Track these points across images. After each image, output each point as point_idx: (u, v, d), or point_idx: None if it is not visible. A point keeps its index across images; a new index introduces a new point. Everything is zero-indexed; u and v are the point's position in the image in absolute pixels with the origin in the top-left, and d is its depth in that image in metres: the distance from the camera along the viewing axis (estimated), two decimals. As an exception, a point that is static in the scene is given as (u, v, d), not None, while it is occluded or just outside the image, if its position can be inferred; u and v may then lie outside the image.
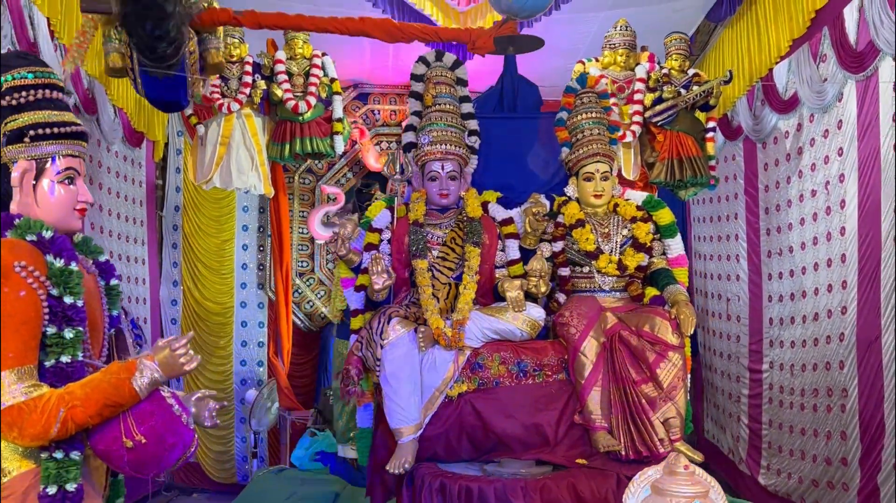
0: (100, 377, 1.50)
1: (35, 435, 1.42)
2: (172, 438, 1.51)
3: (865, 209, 4.39)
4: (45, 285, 1.48)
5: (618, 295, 3.03)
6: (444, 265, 2.91)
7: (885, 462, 4.17)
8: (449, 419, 2.76)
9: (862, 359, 4.40)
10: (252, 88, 4.73)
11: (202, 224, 6.67)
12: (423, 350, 2.77)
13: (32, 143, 1.57)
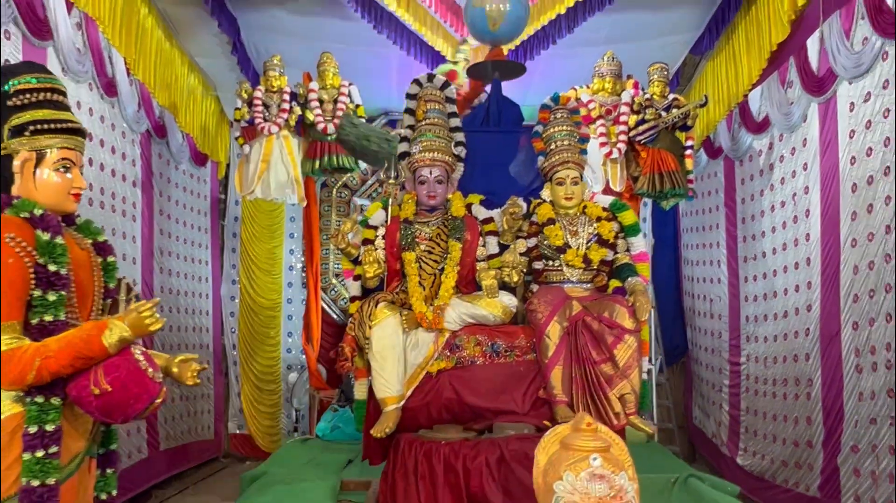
0: (74, 333, 1.50)
1: (12, 380, 1.43)
2: (137, 388, 1.49)
3: (827, 217, 4.29)
4: (33, 255, 1.49)
5: (584, 286, 2.96)
6: (430, 258, 2.88)
7: (843, 445, 4.04)
8: (430, 392, 2.73)
9: (824, 352, 4.27)
10: (289, 114, 4.79)
11: (256, 232, 6.77)
12: (407, 331, 2.75)
13: (32, 137, 1.59)
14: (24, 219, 1.50)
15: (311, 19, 5.13)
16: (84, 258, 1.67)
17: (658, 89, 4.75)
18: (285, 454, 4.30)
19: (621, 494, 1.29)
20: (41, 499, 1.42)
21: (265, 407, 6.62)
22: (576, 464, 1.32)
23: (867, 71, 3.91)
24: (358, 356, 2.84)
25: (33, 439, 1.44)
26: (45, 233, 1.50)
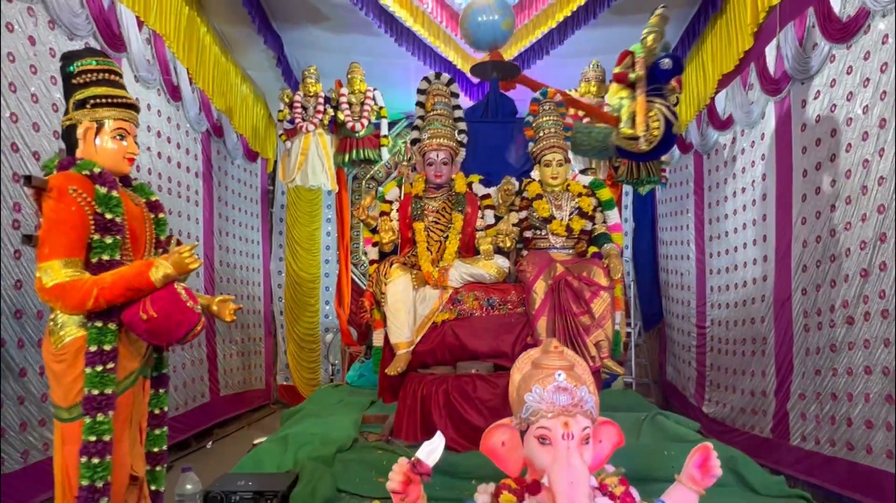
0: (126, 269, 1.52)
1: (74, 305, 1.45)
2: (179, 316, 1.50)
3: (781, 199, 4.22)
4: (92, 205, 1.50)
5: (567, 251, 2.93)
6: (436, 227, 2.88)
7: (793, 393, 3.99)
8: (435, 339, 2.73)
9: (777, 315, 4.21)
10: (323, 114, 4.79)
11: (299, 217, 6.79)
12: (417, 288, 2.74)
13: (92, 109, 1.61)
14: (85, 176, 1.52)
15: (342, 35, 5.11)
16: (137, 212, 1.68)
17: (636, 92, 4.66)
18: (319, 396, 4.33)
19: (581, 404, 1.27)
20: (100, 405, 1.44)
21: (306, 362, 6.68)
22: (544, 379, 1.29)
23: (817, 72, 3.82)
24: (375, 309, 2.84)
25: (93, 357, 1.46)
26: (102, 187, 1.52)
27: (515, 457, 1.35)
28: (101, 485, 1.42)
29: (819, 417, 3.70)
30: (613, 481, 1.33)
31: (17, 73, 3.03)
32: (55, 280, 1.42)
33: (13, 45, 3.01)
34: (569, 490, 1.18)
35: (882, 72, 3.24)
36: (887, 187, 3.18)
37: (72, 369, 1.46)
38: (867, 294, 3.32)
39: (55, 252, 1.43)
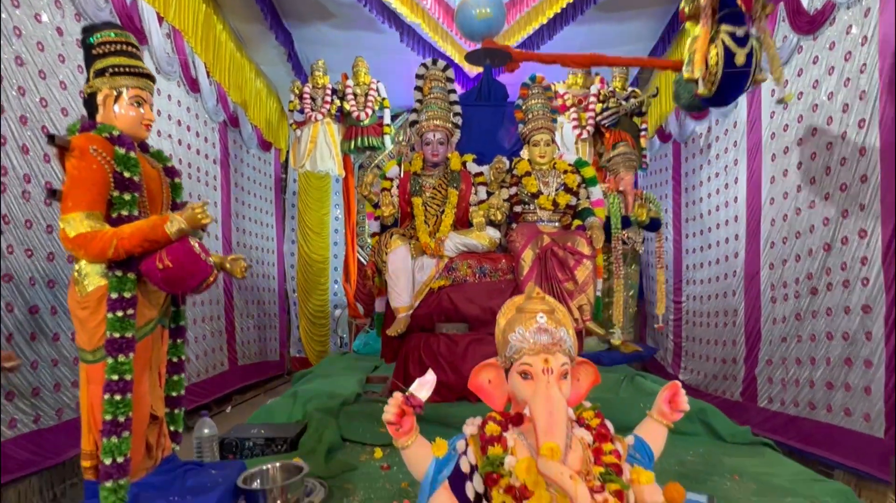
0: (143, 222, 1.51)
1: (95, 254, 1.44)
2: (192, 267, 1.50)
3: (751, 182, 4.20)
4: (112, 164, 1.49)
5: (553, 224, 2.93)
6: (433, 202, 2.86)
7: (760, 360, 4.01)
8: (432, 304, 2.72)
9: (747, 288, 4.21)
10: (331, 105, 4.75)
11: (309, 203, 6.77)
12: (415, 257, 2.74)
13: (111, 78, 1.59)
14: (105, 138, 1.51)
15: (348, 32, 5.06)
16: (154, 175, 1.68)
17: (619, 84, 4.62)
18: (327, 362, 4.35)
19: (560, 343, 1.27)
20: (121, 347, 1.44)
21: (317, 336, 6.69)
22: (526, 321, 1.30)
23: (786, 63, 3.77)
24: (377, 277, 2.83)
25: (114, 303, 1.46)
26: (121, 148, 1.51)
27: (500, 394, 1.35)
28: (122, 419, 1.42)
29: (784, 381, 3.72)
30: (590, 414, 1.34)
31: (46, 61, 3.01)
32: (77, 230, 1.41)
33: (42, 35, 2.99)
34: (548, 418, 1.19)
35: (846, 60, 3.22)
36: (849, 168, 3.17)
37: (95, 315, 1.46)
38: (829, 266, 3.32)
39: (77, 205, 1.43)
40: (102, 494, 1.39)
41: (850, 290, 3.15)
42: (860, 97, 3.09)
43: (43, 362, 2.87)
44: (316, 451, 2.05)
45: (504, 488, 1.18)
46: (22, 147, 2.81)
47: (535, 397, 1.22)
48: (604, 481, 1.20)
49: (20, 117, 2.80)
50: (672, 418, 1.40)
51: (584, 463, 1.23)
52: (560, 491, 1.15)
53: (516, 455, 1.23)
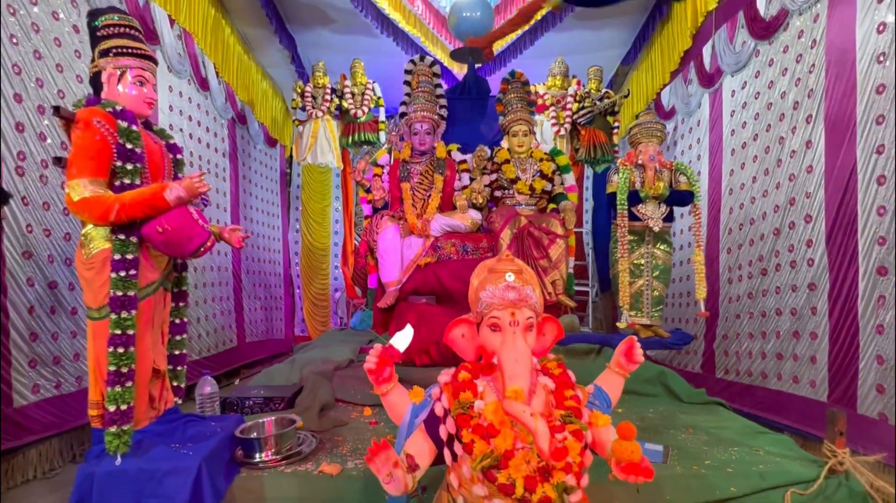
0: (144, 189, 1.49)
1: (98, 216, 1.42)
2: (190, 232, 1.49)
3: (713, 175, 4.22)
4: (115, 136, 1.47)
5: (530, 207, 2.92)
6: (420, 187, 2.84)
7: (717, 335, 4.04)
8: (419, 279, 2.71)
9: (708, 272, 4.12)
10: (330, 103, 4.70)
11: (312, 195, 6.73)
12: (404, 236, 2.72)
13: (115, 57, 1.56)
14: (108, 112, 1.48)
15: (346, 36, 5.02)
16: (157, 149, 1.65)
17: (594, 85, 4.60)
18: (326, 336, 4.34)
19: (526, 300, 1.27)
20: (123, 304, 1.43)
21: (319, 316, 6.67)
22: (496, 280, 1.29)
23: (744, 66, 3.80)
24: (370, 255, 2.82)
25: (118, 263, 1.44)
26: (123, 122, 1.48)
27: (472, 346, 1.35)
28: (125, 370, 1.41)
29: (739, 353, 3.75)
30: (553, 365, 1.34)
31: (63, 56, 2.96)
32: (81, 195, 1.39)
33: (59, 31, 2.94)
34: (513, 365, 1.19)
35: (797, 62, 3.23)
36: (798, 159, 3.19)
37: (100, 276, 1.44)
38: (778, 249, 3.35)
39: (81, 172, 1.40)
40: (107, 439, 1.38)
41: (797, 270, 3.17)
42: (808, 95, 3.11)
43: (63, 333, 2.84)
44: (310, 409, 2.04)
45: (473, 427, 1.17)
46: (39, 135, 2.76)
47: (503, 346, 1.22)
48: (564, 422, 1.20)
49: (38, 107, 2.75)
50: (628, 369, 1.40)
51: (547, 406, 1.23)
52: (523, 428, 1.15)
53: (485, 399, 1.23)
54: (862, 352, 2.68)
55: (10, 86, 2.61)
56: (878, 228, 2.60)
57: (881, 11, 2.59)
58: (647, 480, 1.07)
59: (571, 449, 1.15)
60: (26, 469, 2.69)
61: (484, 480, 1.13)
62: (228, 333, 5.07)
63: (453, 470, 1.22)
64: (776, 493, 1.51)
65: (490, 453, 1.13)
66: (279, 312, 6.48)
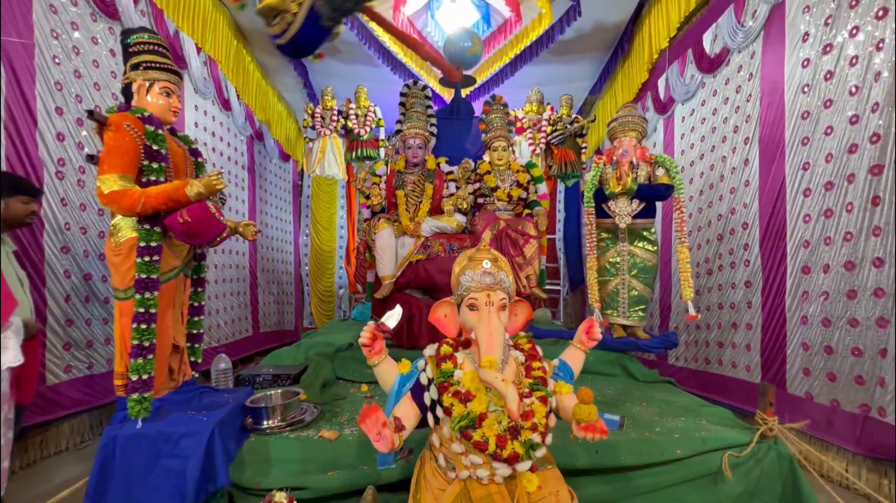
0: (167, 185, 1.48)
1: (126, 208, 1.40)
2: (208, 223, 1.48)
3: (666, 188, 4.22)
4: (143, 138, 1.46)
5: (508, 212, 2.93)
6: (413, 194, 2.84)
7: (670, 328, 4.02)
8: (411, 274, 2.70)
9: (662, 272, 4.21)
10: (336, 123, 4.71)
11: (320, 203, 6.66)
12: (398, 236, 2.71)
13: (144, 71, 1.55)
14: (137, 117, 1.47)
15: (351, 66, 5.03)
16: (180, 153, 1.64)
17: (566, 111, 4.67)
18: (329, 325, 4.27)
19: (500, 283, 1.27)
20: (147, 286, 1.41)
21: (325, 310, 6.60)
22: (475, 266, 1.30)
23: (692, 96, 3.86)
24: (368, 253, 2.81)
25: (143, 250, 1.42)
26: (150, 126, 1.47)
27: (454, 325, 1.35)
28: (147, 344, 1.39)
29: (688, 343, 3.77)
30: (524, 341, 1.34)
31: (101, 76, 2.93)
32: (111, 188, 1.38)
33: (98, 54, 2.92)
34: (488, 339, 1.19)
35: (737, 92, 3.29)
36: (737, 175, 3.24)
37: (126, 261, 1.43)
38: (721, 252, 3.39)
39: (112, 168, 1.39)
40: (129, 405, 1.36)
41: (736, 270, 3.22)
42: (746, 120, 3.17)
43: (95, 320, 2.79)
44: (313, 385, 2.02)
45: (452, 393, 1.17)
46: (78, 144, 2.73)
47: (479, 323, 1.22)
48: (532, 390, 1.21)
49: (76, 119, 2.73)
50: (588, 345, 1.41)
51: (517, 376, 1.24)
52: (496, 393, 1.15)
53: (464, 369, 1.23)
54: (789, 340, 2.72)
55: (52, 100, 2.58)
56: (804, 233, 2.65)
57: (805, 49, 2.66)
58: (603, 437, 1.08)
59: (537, 412, 1.15)
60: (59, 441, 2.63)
61: (461, 439, 1.13)
62: (244, 324, 5.01)
63: (435, 431, 1.22)
64: (715, 456, 1.52)
65: (467, 415, 1.13)
66: (290, 306, 6.42)
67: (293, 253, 6.59)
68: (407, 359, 1.32)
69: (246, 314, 5.09)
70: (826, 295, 2.48)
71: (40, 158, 2.49)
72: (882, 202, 2.20)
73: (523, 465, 1.10)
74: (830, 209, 2.48)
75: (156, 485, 1.30)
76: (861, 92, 2.31)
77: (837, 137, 2.44)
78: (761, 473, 1.50)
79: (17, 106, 2.37)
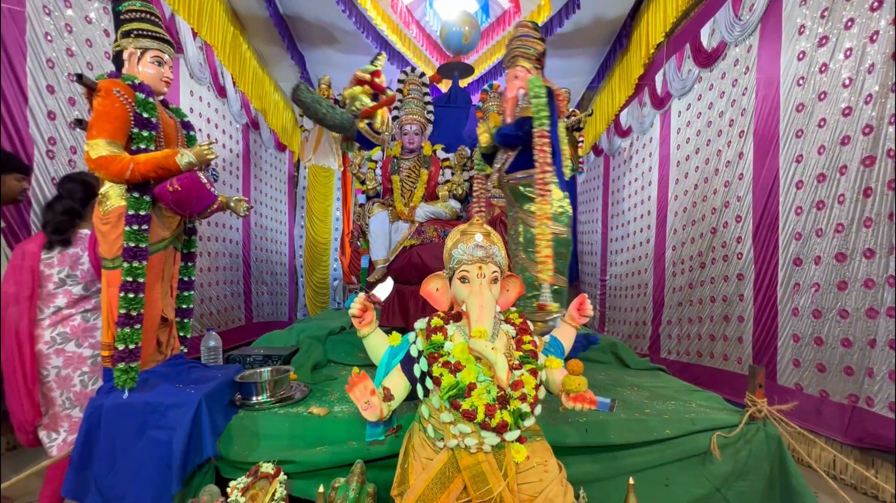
0: (157, 153, 1.46)
1: (114, 173, 1.38)
2: (198, 193, 1.46)
3: (661, 184, 4.27)
4: (133, 105, 1.43)
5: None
6: (408, 180, 2.82)
7: (663, 320, 4.06)
8: (404, 259, 2.68)
9: (655, 266, 4.27)
10: (333, 112, 4.69)
11: (316, 195, 6.67)
12: (392, 221, 2.70)
13: (136, 39, 1.52)
14: (127, 84, 1.45)
15: (350, 56, 5.01)
16: (171, 124, 1.62)
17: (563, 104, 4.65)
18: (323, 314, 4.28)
19: (492, 257, 1.27)
20: (135, 255, 1.39)
21: (320, 302, 6.59)
22: (467, 240, 1.29)
23: (689, 90, 3.87)
24: (362, 238, 2.79)
25: (131, 218, 1.40)
26: (140, 93, 1.45)
27: (445, 299, 1.34)
28: (134, 313, 1.37)
29: (679, 336, 3.79)
30: (515, 316, 1.34)
31: (94, 56, 2.90)
32: (99, 153, 1.35)
33: (91, 33, 2.88)
34: (479, 310, 1.18)
35: (733, 86, 3.31)
36: (732, 168, 3.26)
37: (115, 229, 1.41)
38: (714, 245, 3.41)
39: (101, 133, 1.37)
40: (115, 374, 1.34)
41: (729, 263, 3.23)
42: (741, 114, 3.19)
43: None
44: (304, 366, 2.01)
45: (442, 363, 1.17)
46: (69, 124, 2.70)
47: (471, 296, 1.22)
48: (522, 362, 1.21)
49: (69, 99, 2.69)
50: (579, 321, 1.41)
51: (508, 349, 1.23)
52: (486, 364, 1.15)
53: (454, 341, 1.22)
54: (780, 332, 2.74)
55: (43, 77, 2.55)
56: (796, 225, 2.66)
57: (801, 42, 2.67)
58: (592, 408, 1.08)
59: (527, 382, 1.15)
60: (46, 422, 2.60)
61: (450, 408, 1.12)
62: (237, 313, 4.98)
63: (424, 403, 1.21)
64: (704, 436, 1.53)
65: (456, 384, 1.12)
66: (283, 297, 6.39)
67: (287, 244, 6.56)
68: (397, 333, 1.31)
69: (239, 303, 5.05)
70: (817, 286, 2.50)
71: (31, 136, 2.46)
72: (874, 193, 2.21)
73: (511, 435, 1.10)
74: (822, 201, 2.49)
75: (141, 455, 1.28)
76: (854, 83, 2.33)
77: (830, 129, 2.45)
78: (749, 454, 1.51)
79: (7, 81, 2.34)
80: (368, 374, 1.18)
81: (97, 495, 1.27)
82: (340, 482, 1.29)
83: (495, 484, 1.04)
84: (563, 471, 1.15)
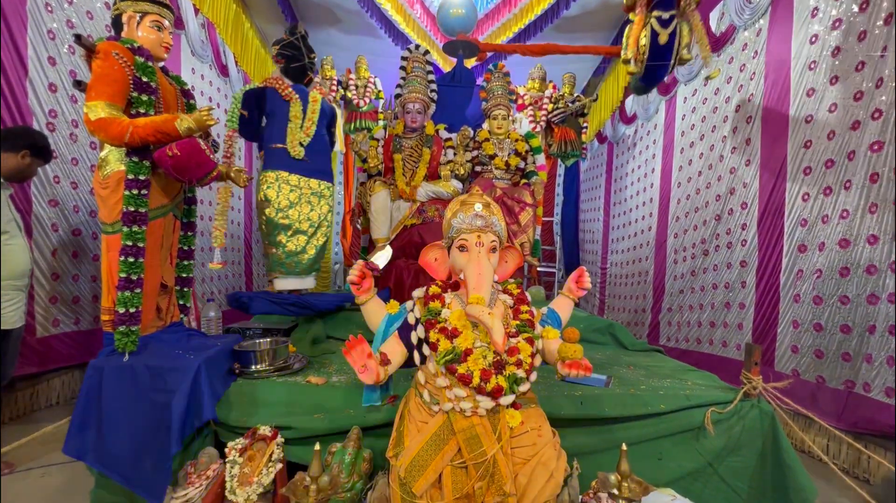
0: (157, 117, 1.45)
1: (113, 136, 1.38)
2: (198, 159, 1.45)
3: (664, 171, 4.23)
4: (132, 68, 1.43)
5: (505, 181, 2.91)
6: (410, 159, 2.81)
7: (663, 307, 4.06)
8: (405, 238, 2.68)
9: (657, 254, 4.26)
10: (336, 93, 4.64)
11: (318, 179, 6.63)
12: (393, 200, 2.70)
13: (134, 2, 1.51)
14: (126, 47, 1.44)
15: (352, 36, 4.96)
16: (171, 90, 1.61)
17: (567, 90, 4.58)
18: (324, 296, 4.28)
19: (491, 226, 1.27)
20: (135, 219, 1.40)
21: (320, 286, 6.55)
22: (466, 209, 1.29)
23: (696, 76, 3.82)
24: (363, 217, 2.80)
25: (130, 183, 1.41)
26: (140, 57, 1.44)
27: (443, 268, 1.35)
28: (135, 278, 1.38)
29: (679, 323, 3.80)
30: (513, 286, 1.34)
31: (95, 28, 2.88)
32: (98, 115, 1.35)
33: (91, 5, 2.86)
34: (477, 278, 1.19)
35: (741, 71, 3.26)
36: (738, 155, 3.23)
37: (114, 194, 1.41)
38: (718, 232, 3.39)
39: (100, 96, 1.36)
40: (116, 337, 1.35)
41: (732, 250, 3.22)
42: (749, 99, 3.15)
43: (83, 277, 2.78)
44: (303, 340, 2.03)
45: (439, 329, 1.18)
46: (71, 97, 2.69)
47: (469, 263, 1.22)
48: (519, 331, 1.21)
49: (70, 71, 2.68)
50: (577, 294, 1.41)
51: (505, 318, 1.24)
52: (482, 330, 1.16)
53: (451, 309, 1.23)
54: (781, 318, 2.74)
55: (44, 49, 2.53)
56: (802, 212, 2.65)
57: (814, 25, 2.63)
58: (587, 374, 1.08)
59: (523, 349, 1.16)
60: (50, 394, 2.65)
61: (446, 373, 1.13)
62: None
63: (421, 369, 1.23)
64: (699, 412, 1.54)
65: (452, 350, 1.13)
66: (284, 281, 6.41)
67: (289, 227, 6.55)
68: (395, 301, 1.32)
69: (240, 284, 5.08)
70: (819, 272, 2.49)
71: (30, 108, 2.45)
72: (881, 178, 2.20)
73: (506, 399, 1.11)
74: (830, 187, 2.47)
75: (141, 417, 1.30)
76: (867, 67, 2.29)
77: (841, 114, 2.42)
78: (743, 429, 1.52)
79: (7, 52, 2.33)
80: (366, 341, 1.19)
81: (97, 455, 1.30)
82: (337, 447, 1.31)
83: (489, 446, 1.06)
84: (556, 436, 1.16)
